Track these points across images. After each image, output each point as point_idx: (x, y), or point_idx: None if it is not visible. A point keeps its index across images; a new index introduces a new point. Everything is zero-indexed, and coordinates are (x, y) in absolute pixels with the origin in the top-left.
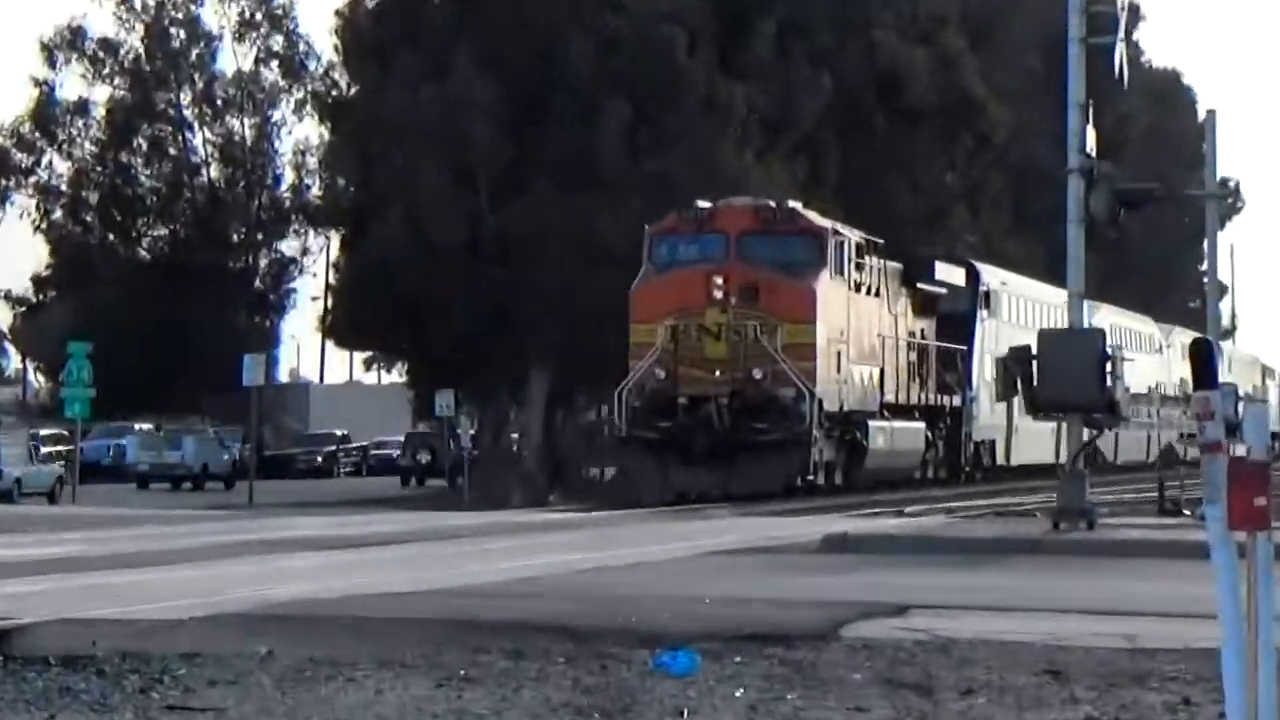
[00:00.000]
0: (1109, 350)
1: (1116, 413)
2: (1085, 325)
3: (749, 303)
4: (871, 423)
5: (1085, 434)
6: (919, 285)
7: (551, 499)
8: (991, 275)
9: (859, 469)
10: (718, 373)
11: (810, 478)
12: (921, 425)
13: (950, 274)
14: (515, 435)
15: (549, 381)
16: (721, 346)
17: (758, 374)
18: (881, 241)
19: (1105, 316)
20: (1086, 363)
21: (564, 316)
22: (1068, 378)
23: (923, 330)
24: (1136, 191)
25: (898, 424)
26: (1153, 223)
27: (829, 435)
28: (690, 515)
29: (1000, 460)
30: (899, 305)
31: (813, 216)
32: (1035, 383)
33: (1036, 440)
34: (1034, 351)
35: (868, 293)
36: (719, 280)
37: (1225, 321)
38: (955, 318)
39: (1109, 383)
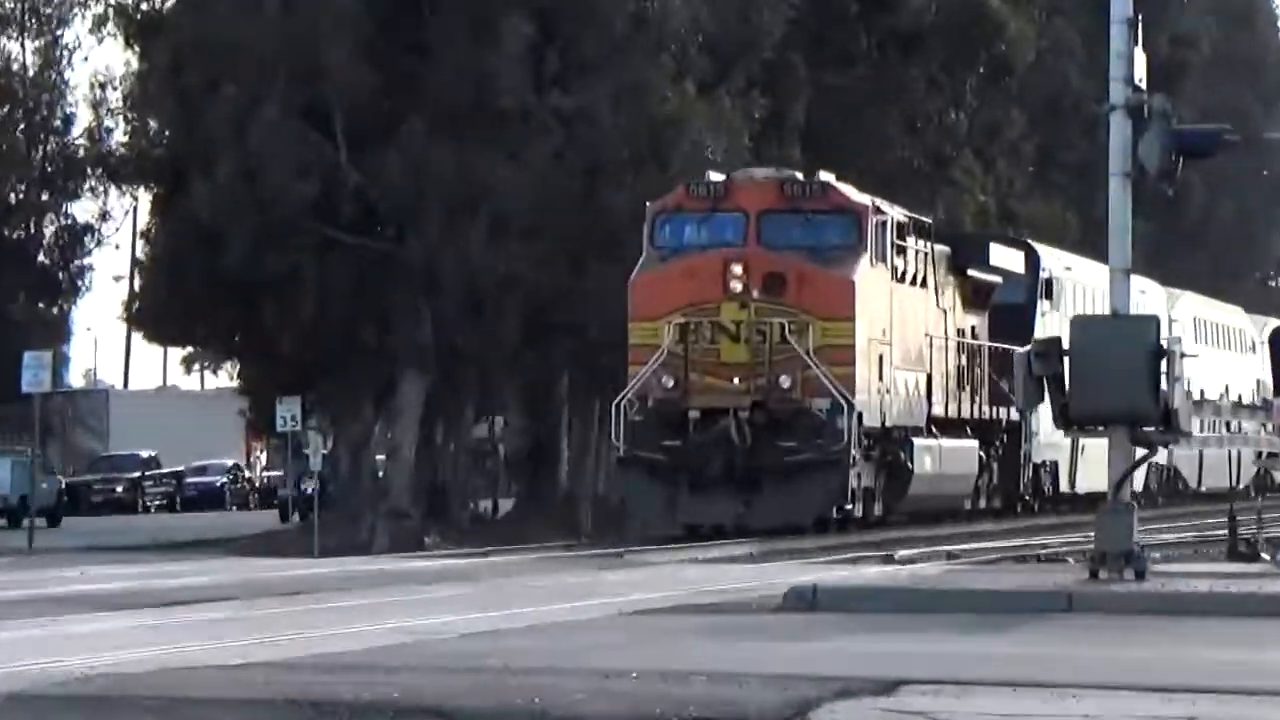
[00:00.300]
0: (1163, 343)
1: (1175, 426)
2: (1137, 310)
3: (774, 295)
4: (917, 441)
5: (1134, 453)
6: (969, 272)
7: (428, 541)
8: (1053, 259)
9: (901, 497)
10: (736, 380)
11: (848, 507)
12: (974, 444)
13: (1006, 258)
14: (381, 457)
15: (426, 387)
16: (741, 349)
17: (785, 382)
18: (929, 221)
19: (1187, 307)
20: (1133, 359)
21: (447, 300)
22: (1109, 379)
23: (974, 327)
24: (1200, 135)
25: (947, 443)
26: (1222, 175)
27: (868, 456)
28: (617, 564)
29: (1064, 486)
30: (947, 297)
31: (848, 191)
32: (1067, 387)
33: (1099, 462)
34: (1064, 345)
35: (912, 282)
36: (738, 268)
37: None
38: (1011, 312)
39: (1164, 386)
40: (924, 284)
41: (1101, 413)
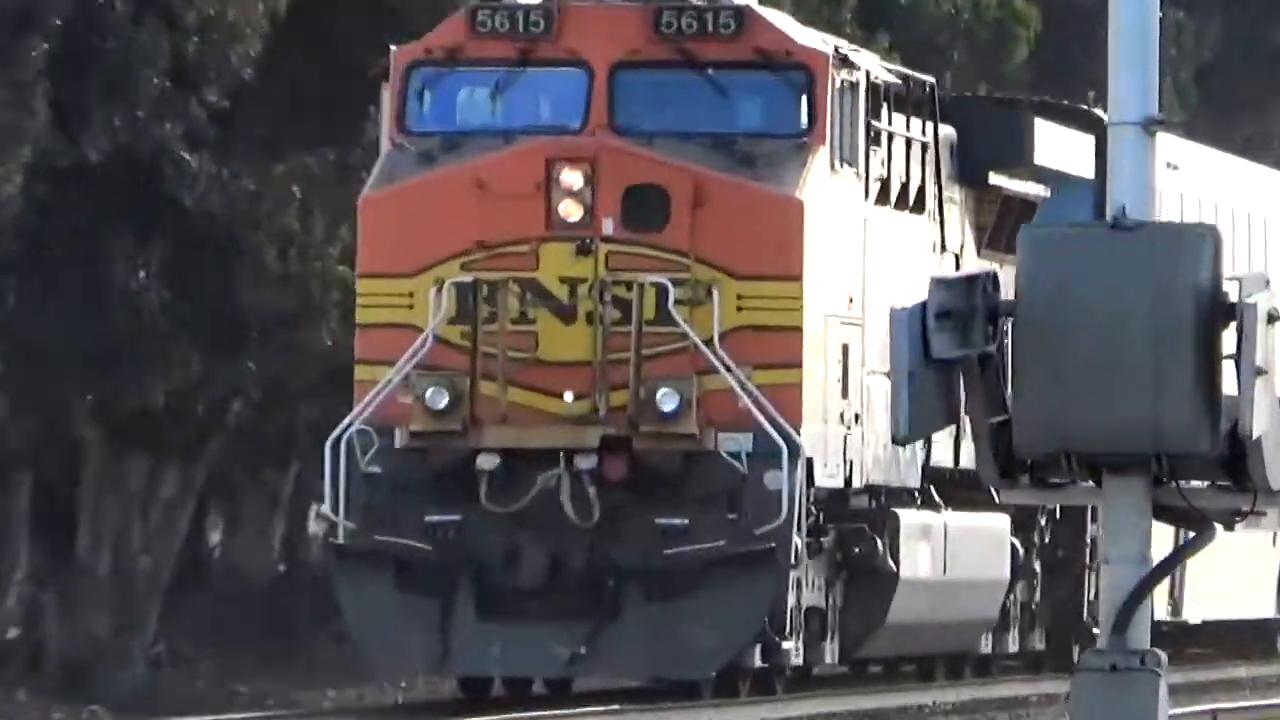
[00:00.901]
0: (1224, 288)
1: (1251, 475)
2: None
3: (645, 229)
4: (906, 516)
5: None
6: (994, 179)
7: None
8: None
9: (875, 626)
10: (570, 395)
11: (786, 643)
12: (1003, 523)
13: (1059, 147)
14: None
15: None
16: (581, 333)
17: (666, 400)
18: (930, 82)
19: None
20: (1156, 328)
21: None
22: (1100, 372)
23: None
24: None
25: (957, 519)
26: None
27: (818, 546)
28: None
29: (1163, 611)
30: (955, 226)
31: (785, 25)
32: (1008, 388)
33: (1236, 563)
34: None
35: (902, 203)
36: (574, 176)
37: None
38: None
39: (1217, 381)
40: (920, 205)
41: (1082, 440)
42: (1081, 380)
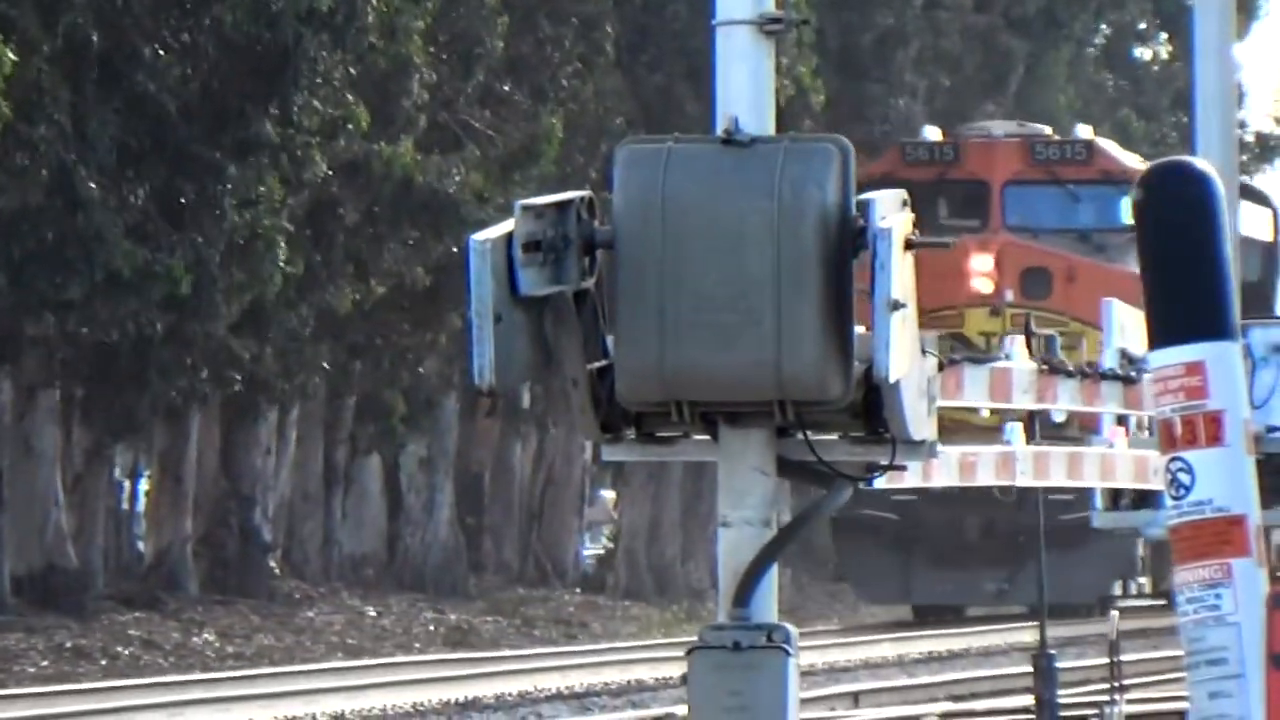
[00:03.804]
0: (854, 211)
1: (888, 425)
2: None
3: (1036, 298)
4: None
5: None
6: None
7: None
8: None
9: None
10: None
11: (1140, 580)
12: None
13: (1245, 218)
14: None
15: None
16: None
17: (1056, 415)
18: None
19: None
20: (778, 249)
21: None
22: (709, 302)
23: None
24: None
25: None
26: None
27: None
28: None
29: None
30: None
31: (1116, 152)
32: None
33: None
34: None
35: None
36: (985, 261)
37: None
38: (1245, 295)
39: (848, 317)
40: None
41: (693, 388)
42: (691, 319)
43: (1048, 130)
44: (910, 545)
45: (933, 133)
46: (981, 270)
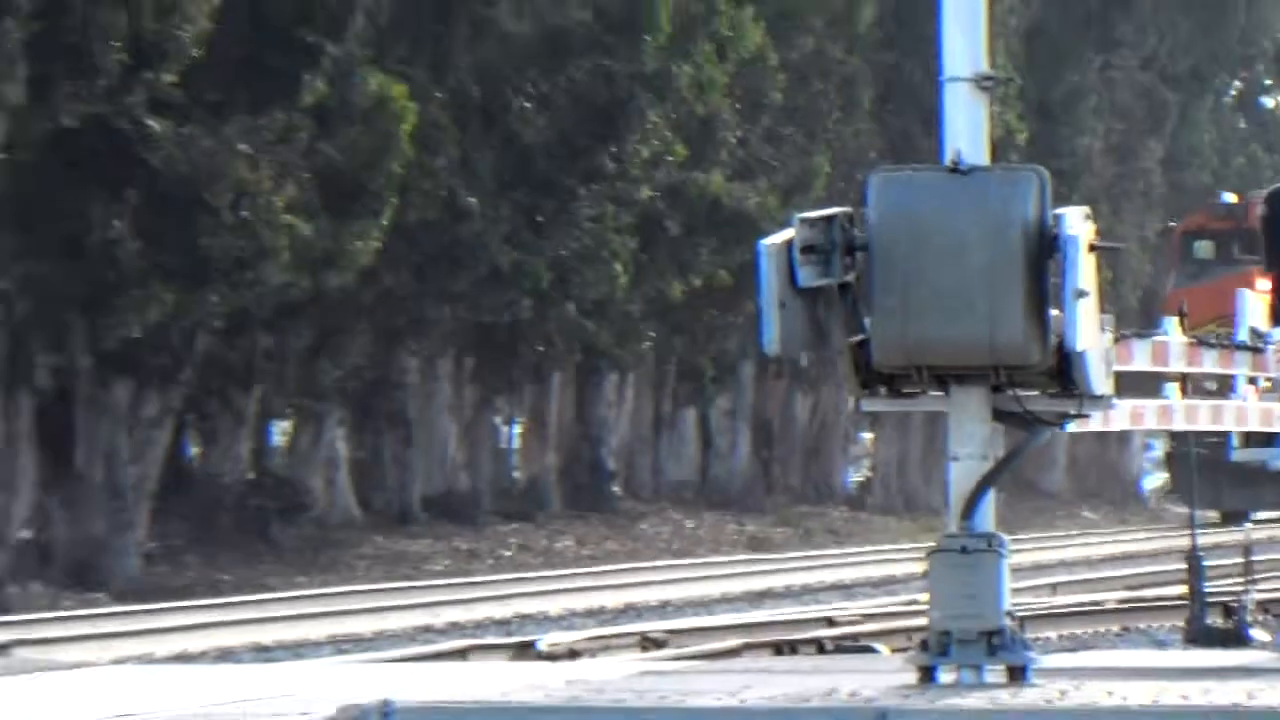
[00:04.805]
0: (1050, 223)
1: (1076, 383)
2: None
3: None
4: None
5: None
6: None
7: None
8: None
9: None
10: None
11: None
12: None
13: None
14: None
15: None
16: None
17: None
18: None
19: None
20: (992, 251)
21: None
22: (942, 291)
23: None
24: None
25: None
26: None
27: None
28: None
29: None
30: None
31: None
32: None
33: None
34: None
35: None
36: (1265, 283)
37: None
38: None
39: (1045, 302)
40: None
41: (930, 355)
42: (928, 304)
43: None
44: (1218, 470)
45: (1230, 196)
46: (1264, 289)
